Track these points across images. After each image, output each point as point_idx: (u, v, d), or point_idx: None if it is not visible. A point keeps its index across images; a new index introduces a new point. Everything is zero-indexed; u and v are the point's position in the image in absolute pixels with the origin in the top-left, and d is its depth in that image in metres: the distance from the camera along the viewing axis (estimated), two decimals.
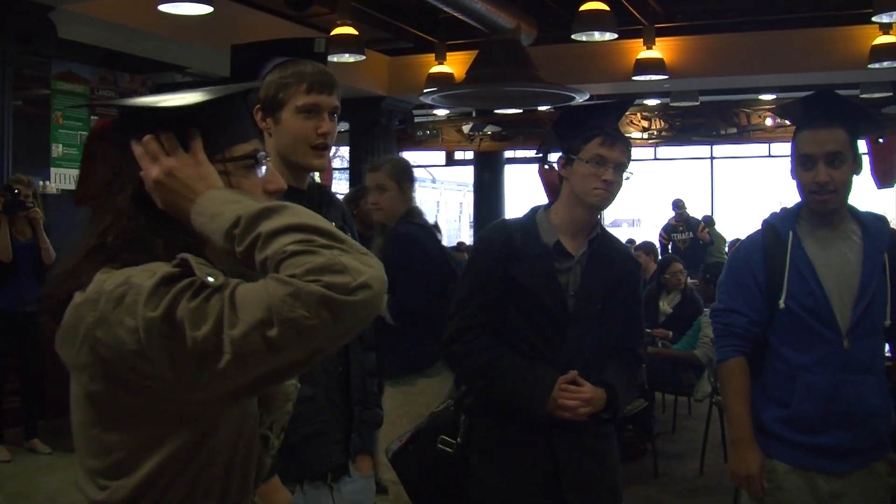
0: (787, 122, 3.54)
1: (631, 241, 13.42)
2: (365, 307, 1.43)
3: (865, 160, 3.39)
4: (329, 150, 2.87)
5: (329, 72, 2.85)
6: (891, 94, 16.02)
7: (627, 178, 3.19)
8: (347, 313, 1.41)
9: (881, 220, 3.32)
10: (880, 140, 3.45)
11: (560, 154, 3.22)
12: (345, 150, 19.58)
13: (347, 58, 11.22)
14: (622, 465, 3.34)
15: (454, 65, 13.72)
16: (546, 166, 3.57)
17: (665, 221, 15.71)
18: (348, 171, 17.14)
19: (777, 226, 3.26)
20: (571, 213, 3.16)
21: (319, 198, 2.93)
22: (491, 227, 3.35)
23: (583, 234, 3.19)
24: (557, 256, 3.13)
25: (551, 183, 3.39)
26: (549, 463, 3.07)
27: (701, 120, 18.29)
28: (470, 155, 20.77)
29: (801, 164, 3.17)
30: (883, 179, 3.31)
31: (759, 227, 3.35)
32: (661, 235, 15.24)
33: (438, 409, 3.34)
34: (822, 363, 3.13)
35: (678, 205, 15.17)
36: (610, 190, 3.10)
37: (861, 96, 15.63)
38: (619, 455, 3.33)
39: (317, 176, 3.21)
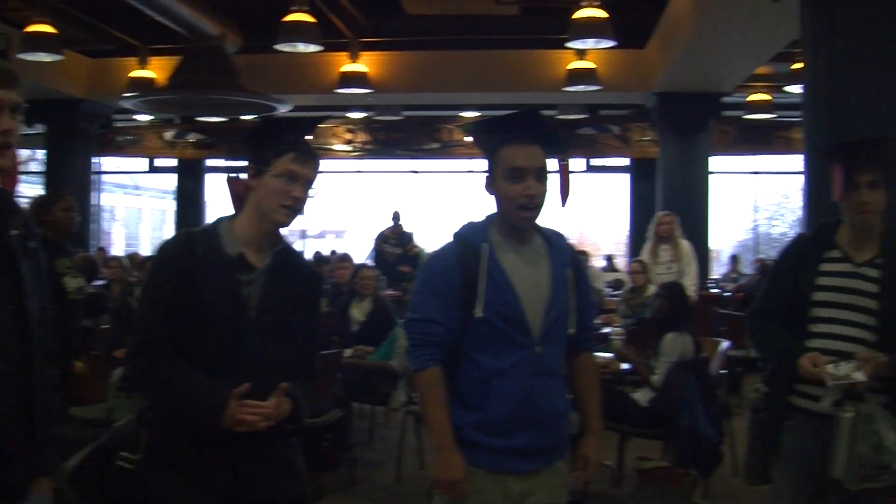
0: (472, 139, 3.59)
1: (333, 253, 13.43)
2: None
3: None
4: (11, 149, 2.64)
5: (6, 66, 2.63)
6: (585, 115, 16.85)
7: (312, 196, 3.12)
8: None
9: (561, 236, 3.43)
10: (565, 161, 3.64)
11: (250, 165, 3.11)
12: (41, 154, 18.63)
13: (44, 57, 10.68)
14: (316, 474, 3.27)
15: (157, 69, 13.35)
16: (234, 176, 3.45)
17: (381, 230, 15.73)
18: (44, 176, 16.28)
19: (470, 238, 3.29)
20: (256, 225, 3.07)
21: (1, 205, 2.69)
22: (173, 236, 3.22)
23: (267, 247, 3.10)
24: (241, 268, 3.03)
25: (238, 193, 3.28)
26: (229, 476, 2.97)
27: (403, 134, 18.60)
28: (173, 162, 20.23)
29: (510, 178, 3.20)
30: (565, 199, 3.49)
31: (451, 239, 3.36)
32: (375, 241, 15.24)
33: (118, 424, 3.18)
34: (516, 368, 3.20)
35: (395, 217, 15.27)
36: (297, 207, 3.03)
37: (558, 117, 16.37)
38: (317, 464, 3.27)
39: None
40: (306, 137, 3.21)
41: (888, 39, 5.52)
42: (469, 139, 16.83)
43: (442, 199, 20.34)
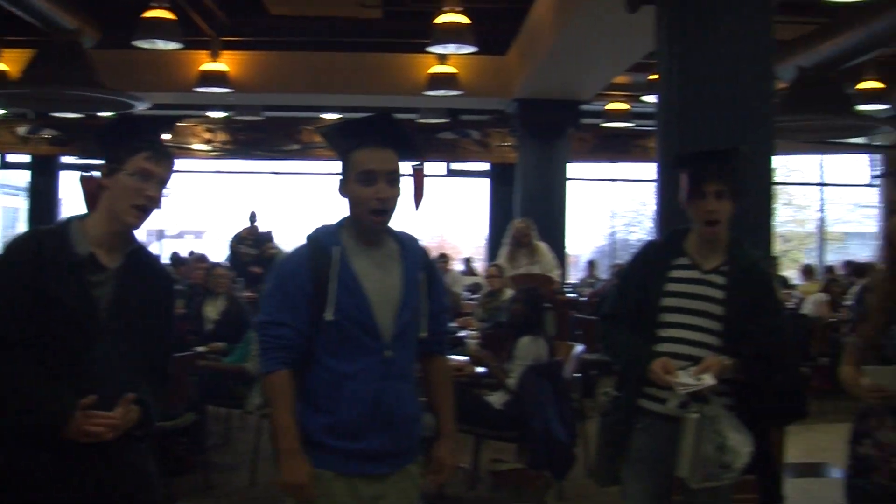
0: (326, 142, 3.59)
1: (191, 254, 13.19)
2: None
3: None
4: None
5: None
6: (446, 120, 16.95)
7: (167, 196, 3.07)
8: None
9: (414, 240, 3.44)
10: (420, 165, 3.65)
11: (104, 163, 3.04)
12: None
13: None
14: (170, 478, 3.22)
15: (10, 62, 12.94)
16: (87, 174, 3.36)
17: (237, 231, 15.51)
18: None
19: (322, 240, 3.28)
20: (108, 225, 3.01)
21: None
22: (19, 235, 3.13)
23: (120, 247, 3.04)
24: (91, 269, 2.96)
25: (91, 192, 3.21)
26: (77, 483, 2.89)
27: (264, 135, 18.43)
28: (26, 158, 19.59)
29: (362, 181, 3.20)
30: (419, 202, 3.49)
31: (304, 241, 3.35)
32: (231, 242, 15.03)
33: None
34: (367, 371, 3.20)
35: (251, 217, 15.05)
36: (150, 206, 2.99)
37: (419, 121, 16.42)
38: (171, 468, 3.21)
39: None
40: (161, 136, 3.16)
41: (739, 55, 5.69)
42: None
43: (302, 200, 20.21)
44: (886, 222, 3.48)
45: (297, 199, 20.20)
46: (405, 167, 3.34)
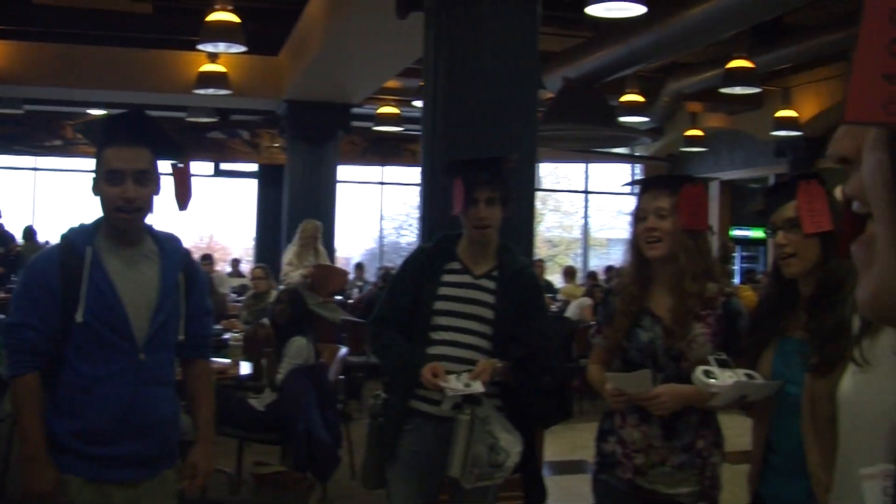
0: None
1: None
2: None
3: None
4: None
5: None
6: (215, 119, 16.69)
7: None
8: None
9: (176, 240, 3.40)
10: (179, 165, 3.54)
11: None
12: None
13: None
14: None
15: None
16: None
17: None
18: None
19: (75, 240, 3.20)
20: None
21: None
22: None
23: None
24: None
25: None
26: None
27: (24, 129, 17.67)
28: None
29: (109, 180, 3.14)
30: (183, 202, 3.38)
31: (59, 241, 3.26)
32: None
33: None
34: (119, 375, 3.14)
35: None
36: None
37: (188, 119, 16.11)
38: None
39: None
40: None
41: (504, 65, 5.83)
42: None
43: (66, 198, 19.47)
44: (633, 229, 3.65)
45: (60, 197, 19.45)
46: (164, 166, 3.29)
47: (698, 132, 17.01)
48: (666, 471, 3.48)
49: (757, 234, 20.17)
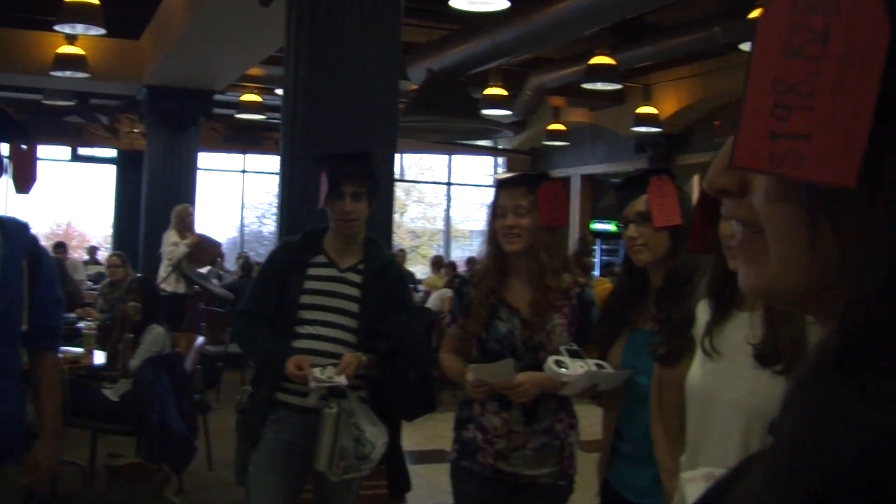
0: None
1: None
2: None
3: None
4: None
5: None
6: (73, 103, 16.26)
7: None
8: None
9: (21, 226, 3.29)
10: (22, 146, 3.46)
11: None
12: None
13: None
14: None
15: None
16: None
17: None
18: None
19: None
20: None
21: None
22: None
23: None
24: None
25: None
26: None
27: None
28: None
29: None
30: (21, 185, 3.30)
31: None
32: None
33: None
34: None
35: None
36: None
37: (45, 102, 15.67)
38: None
39: None
40: None
41: (366, 55, 5.85)
42: None
43: None
44: (491, 223, 3.71)
45: None
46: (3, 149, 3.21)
47: (560, 126, 17.29)
48: (527, 454, 3.57)
49: (616, 227, 20.61)
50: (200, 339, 7.19)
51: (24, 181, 3.33)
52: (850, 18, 0.63)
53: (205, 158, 15.02)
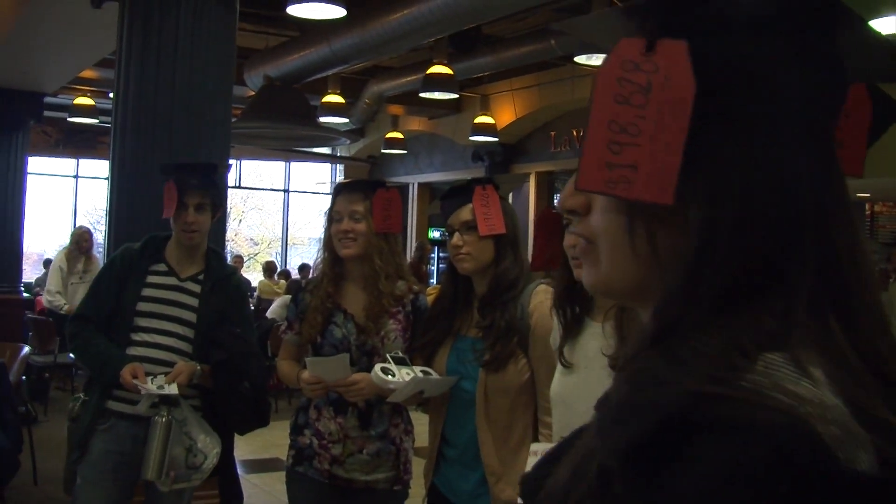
0: None
1: None
2: None
3: None
4: None
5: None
6: None
7: None
8: None
9: None
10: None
11: None
12: None
13: None
14: None
15: None
16: None
17: None
18: None
19: None
20: None
21: None
22: None
23: None
24: None
25: None
26: None
27: None
28: None
29: None
30: None
31: None
32: None
33: None
34: None
35: None
36: None
37: None
38: None
39: None
40: None
41: (199, 61, 5.76)
42: None
43: None
44: (328, 229, 3.75)
45: None
46: None
47: (399, 135, 17.37)
48: (363, 459, 3.61)
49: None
50: (26, 349, 6.98)
51: None
52: (666, 76, 0.83)
53: (35, 163, 14.54)
